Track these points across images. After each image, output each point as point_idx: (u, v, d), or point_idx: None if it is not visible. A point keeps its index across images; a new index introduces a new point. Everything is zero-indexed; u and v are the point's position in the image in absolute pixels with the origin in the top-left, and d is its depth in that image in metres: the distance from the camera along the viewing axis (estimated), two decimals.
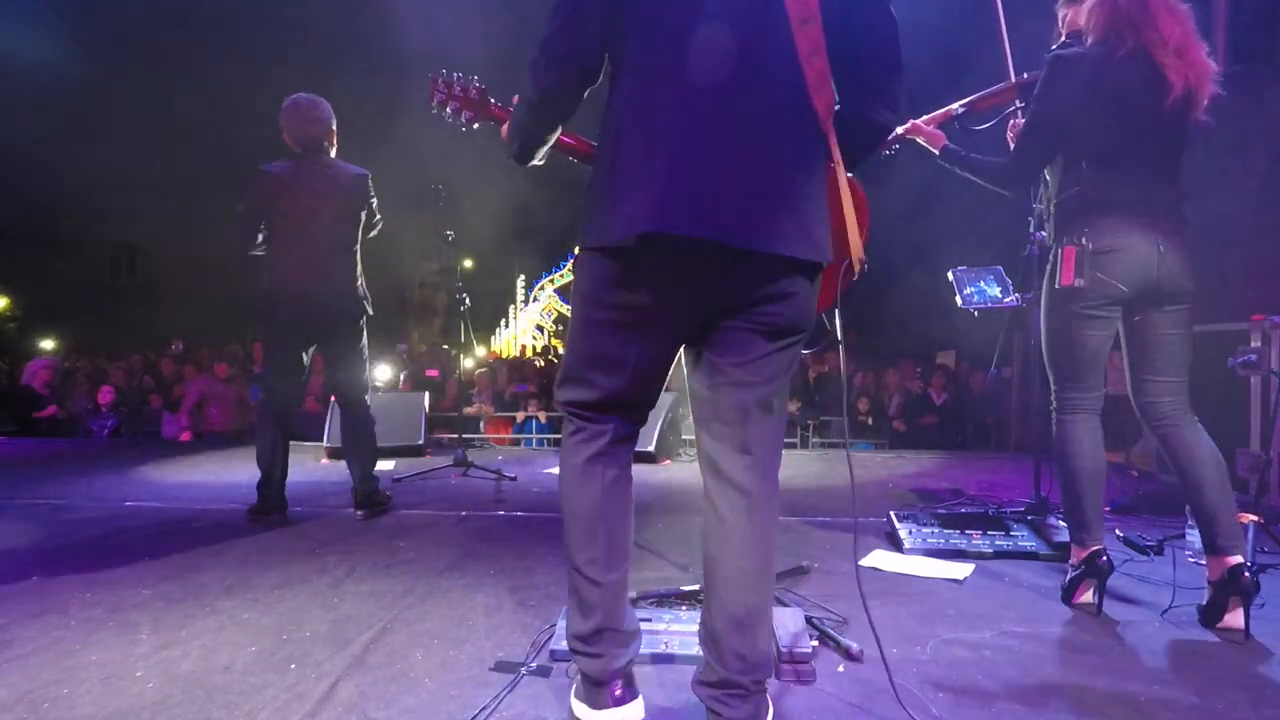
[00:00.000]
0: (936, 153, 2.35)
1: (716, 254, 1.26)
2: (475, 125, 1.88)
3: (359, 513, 3.18)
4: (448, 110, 1.84)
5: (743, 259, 1.27)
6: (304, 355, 3.18)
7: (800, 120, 1.30)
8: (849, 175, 1.42)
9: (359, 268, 3.23)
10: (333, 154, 3.20)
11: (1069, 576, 2.11)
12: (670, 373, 1.46)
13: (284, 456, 3.10)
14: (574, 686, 1.45)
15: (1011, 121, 2.44)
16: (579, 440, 1.41)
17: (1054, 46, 2.13)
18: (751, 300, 1.31)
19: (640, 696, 1.40)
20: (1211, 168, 3.79)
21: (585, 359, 1.39)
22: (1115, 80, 1.97)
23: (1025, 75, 2.47)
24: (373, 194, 3.24)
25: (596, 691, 1.36)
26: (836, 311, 1.47)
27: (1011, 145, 2.31)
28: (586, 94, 1.41)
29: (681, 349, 1.44)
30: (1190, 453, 2.01)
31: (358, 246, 3.23)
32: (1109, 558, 2.03)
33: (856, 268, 1.40)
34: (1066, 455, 2.10)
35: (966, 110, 2.46)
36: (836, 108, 1.35)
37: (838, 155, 1.35)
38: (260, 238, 3.11)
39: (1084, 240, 2.00)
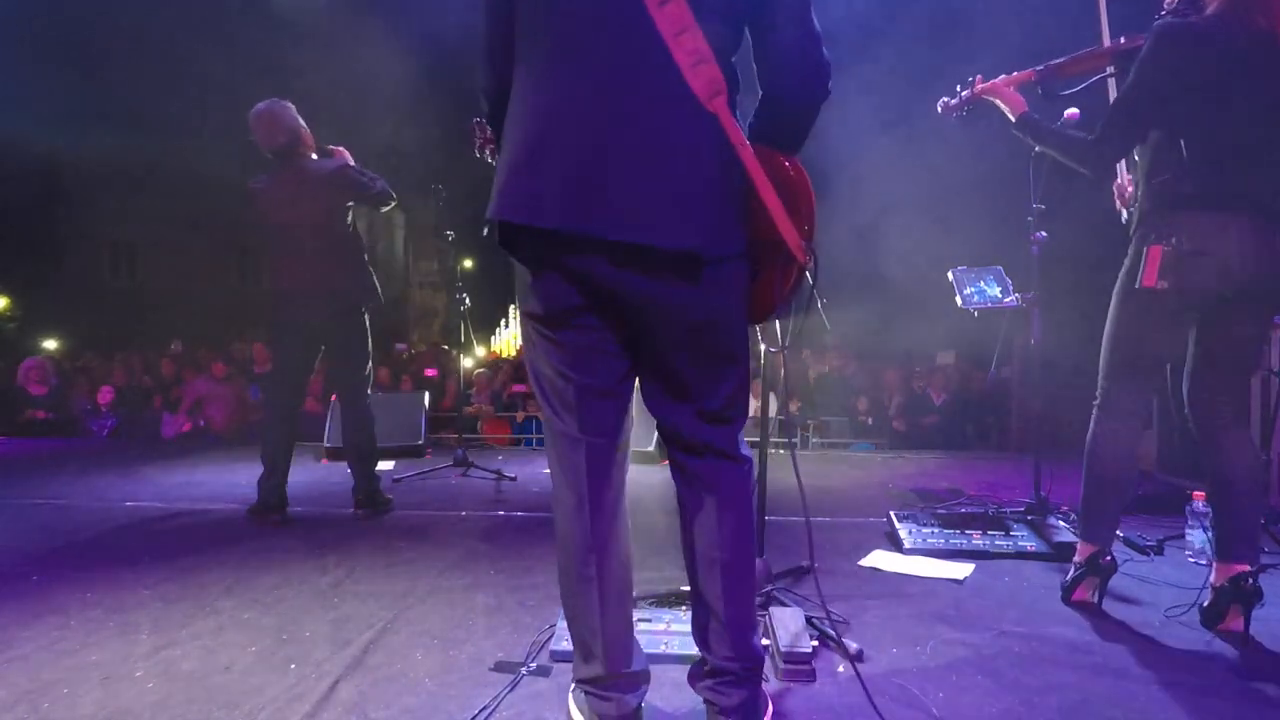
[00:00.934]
0: (1013, 119, 2.13)
1: (581, 247, 1.22)
2: None
3: (359, 513, 3.18)
4: (487, 152, 1.94)
5: (610, 250, 1.20)
6: (314, 355, 3.19)
7: (675, 101, 1.20)
8: (786, 157, 1.33)
9: (363, 255, 3.22)
10: (311, 151, 3.15)
11: (1070, 574, 2.11)
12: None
13: (287, 456, 3.11)
14: (571, 689, 1.46)
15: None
16: (565, 469, 1.37)
17: (1163, 12, 1.92)
18: (649, 298, 1.25)
19: None
20: None
21: (534, 371, 1.38)
22: (1229, 62, 1.77)
23: (1123, 39, 2.18)
24: (360, 176, 3.12)
25: None
26: (802, 308, 1.38)
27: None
28: None
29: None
30: (1234, 459, 1.93)
31: (353, 237, 3.20)
32: (1113, 557, 2.03)
33: (802, 258, 1.28)
34: (1100, 456, 2.01)
35: (1051, 74, 2.18)
36: (761, 91, 1.32)
37: (739, 137, 1.22)
38: None
39: (1174, 240, 1.83)
